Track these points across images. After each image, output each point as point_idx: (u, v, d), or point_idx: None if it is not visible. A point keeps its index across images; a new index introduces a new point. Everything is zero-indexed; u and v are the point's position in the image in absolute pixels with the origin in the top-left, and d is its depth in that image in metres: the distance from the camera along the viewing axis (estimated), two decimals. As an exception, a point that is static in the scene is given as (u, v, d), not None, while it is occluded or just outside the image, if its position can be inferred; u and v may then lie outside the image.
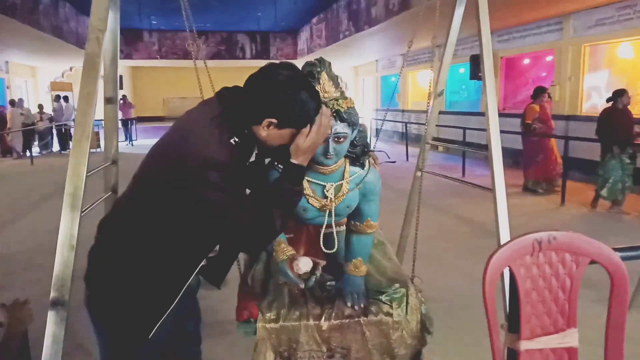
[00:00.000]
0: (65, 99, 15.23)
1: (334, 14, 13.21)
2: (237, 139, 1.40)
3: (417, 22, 5.47)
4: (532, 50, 10.09)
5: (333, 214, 1.74)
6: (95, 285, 1.46)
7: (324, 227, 1.76)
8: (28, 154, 12.08)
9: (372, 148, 1.91)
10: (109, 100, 2.14)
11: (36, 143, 13.73)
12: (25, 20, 9.03)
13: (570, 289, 1.48)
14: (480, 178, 8.37)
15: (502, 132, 2.20)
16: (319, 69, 1.60)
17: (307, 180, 1.69)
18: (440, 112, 2.97)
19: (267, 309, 1.73)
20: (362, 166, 1.74)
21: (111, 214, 1.53)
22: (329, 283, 1.83)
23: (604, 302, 1.47)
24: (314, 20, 15.34)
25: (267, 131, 1.41)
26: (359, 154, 1.71)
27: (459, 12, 2.58)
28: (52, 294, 1.58)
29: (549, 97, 7.89)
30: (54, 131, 14.40)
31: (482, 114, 11.05)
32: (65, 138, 14.15)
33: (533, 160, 7.47)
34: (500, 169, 2.04)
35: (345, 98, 1.61)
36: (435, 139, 3.02)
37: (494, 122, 2.08)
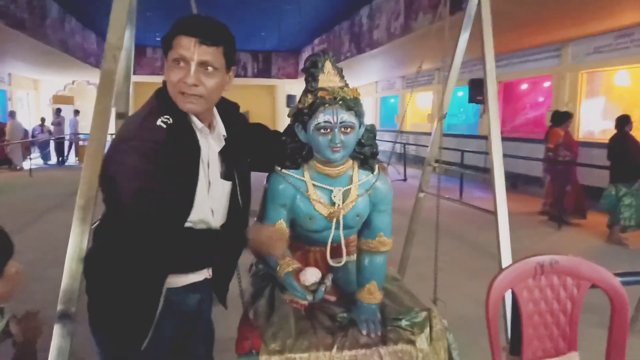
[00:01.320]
0: (76, 112, 15.36)
1: (336, 35, 13.39)
2: (166, 120, 1.27)
3: (418, 46, 5.57)
4: (530, 76, 10.24)
5: (341, 225, 1.59)
6: (89, 293, 1.45)
7: (328, 246, 1.63)
8: (27, 166, 12.11)
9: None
10: (120, 116, 2.18)
11: (32, 155, 13.73)
12: (32, 34, 9.14)
13: (571, 312, 1.51)
14: (478, 200, 8.40)
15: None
16: (322, 59, 1.54)
17: (313, 184, 1.59)
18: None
19: (271, 340, 1.54)
20: (372, 170, 1.63)
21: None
22: (340, 315, 1.67)
23: (605, 326, 1.50)
24: (316, 40, 15.54)
25: (165, 71, 1.33)
26: (367, 154, 1.59)
27: (465, 37, 2.64)
28: (59, 307, 1.59)
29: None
30: (52, 144, 14.45)
31: (480, 137, 11.16)
32: (62, 150, 14.14)
33: (564, 189, 6.83)
34: (502, 192, 2.07)
35: (351, 88, 1.54)
36: (437, 161, 3.07)
37: (497, 146, 2.12)
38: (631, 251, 5.66)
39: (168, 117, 1.27)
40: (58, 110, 14.69)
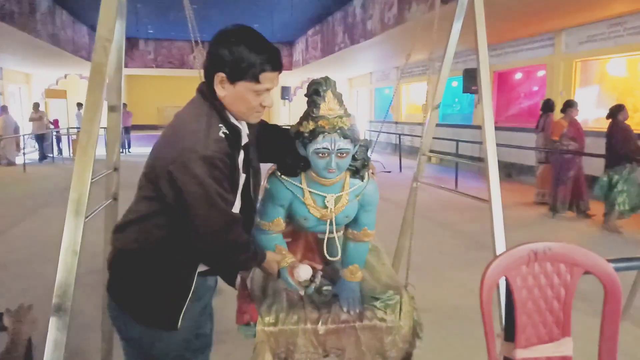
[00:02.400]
0: (79, 105, 15.13)
1: (329, 27, 13.33)
2: (226, 131, 1.42)
3: (412, 36, 5.55)
4: (524, 65, 10.25)
5: (334, 224, 1.81)
6: (121, 276, 1.52)
7: (326, 235, 1.84)
8: (20, 161, 12.03)
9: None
10: (112, 109, 2.16)
11: (28, 149, 13.64)
12: (22, 27, 9.04)
13: (564, 298, 1.52)
14: (473, 190, 8.43)
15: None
16: (324, 88, 1.67)
17: (309, 190, 1.77)
18: (435, 125, 3.02)
19: (266, 313, 1.80)
20: (362, 178, 1.81)
21: (123, 218, 1.57)
22: (325, 288, 1.92)
23: (597, 314, 1.51)
24: (310, 32, 15.47)
25: (224, 89, 1.42)
26: (359, 167, 1.78)
27: (457, 27, 2.63)
28: (55, 300, 1.59)
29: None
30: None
31: (474, 127, 11.19)
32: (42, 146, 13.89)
33: (562, 179, 6.75)
34: (496, 180, 2.08)
35: (349, 115, 1.69)
36: (431, 151, 3.07)
37: (490, 135, 2.12)
38: (624, 238, 5.72)
39: (222, 126, 1.42)
40: (36, 105, 14.07)
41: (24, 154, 12.49)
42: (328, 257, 1.90)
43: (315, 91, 1.68)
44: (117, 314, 1.55)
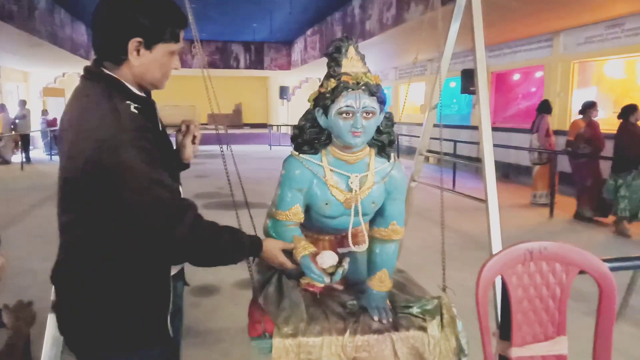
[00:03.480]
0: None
1: (328, 26, 13.34)
2: (137, 105, 1.28)
3: (410, 36, 5.58)
4: (522, 66, 10.27)
5: (360, 211, 1.59)
6: (78, 312, 1.33)
7: (350, 231, 1.61)
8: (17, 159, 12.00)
9: None
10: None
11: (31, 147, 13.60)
12: (21, 26, 9.03)
13: (560, 297, 1.53)
14: (471, 190, 8.46)
15: (492, 145, 2.26)
16: (346, 44, 1.54)
17: (331, 169, 1.59)
18: (433, 125, 3.03)
19: (284, 324, 1.54)
20: (388, 158, 1.65)
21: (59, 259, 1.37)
22: (349, 302, 1.69)
23: (592, 314, 1.52)
24: (309, 32, 15.47)
25: (139, 57, 1.28)
26: (385, 142, 1.61)
27: (455, 27, 2.65)
28: (53, 297, 1.59)
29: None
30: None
31: (472, 127, 11.21)
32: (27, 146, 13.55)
33: (583, 185, 6.52)
34: (493, 180, 2.09)
35: (373, 74, 1.54)
36: (428, 151, 3.08)
37: (487, 136, 2.14)
38: (633, 242, 5.71)
39: (131, 102, 1.27)
40: (22, 103, 13.63)
41: (21, 152, 12.45)
42: (354, 249, 1.62)
43: (336, 48, 1.53)
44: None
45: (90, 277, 1.29)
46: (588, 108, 6.54)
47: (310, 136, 1.57)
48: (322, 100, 1.51)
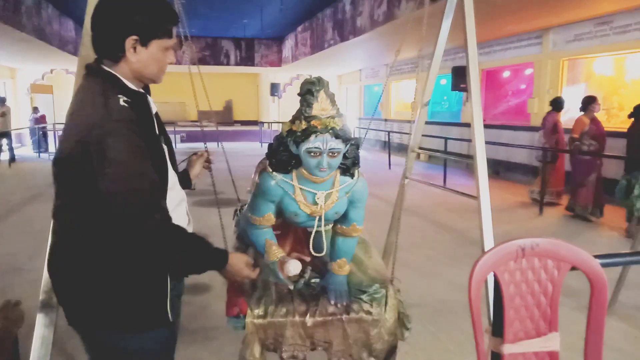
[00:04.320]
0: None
1: (319, 23, 13.31)
2: (127, 99, 1.32)
3: (401, 33, 5.56)
4: (512, 63, 10.33)
5: (323, 220, 1.84)
6: (83, 294, 1.37)
7: (314, 230, 1.86)
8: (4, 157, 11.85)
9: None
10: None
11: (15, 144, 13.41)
12: (7, 21, 8.90)
13: (552, 294, 1.53)
14: (461, 187, 8.50)
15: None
16: (317, 88, 1.68)
17: (300, 187, 1.79)
18: (424, 122, 3.03)
19: (255, 306, 1.83)
20: (352, 176, 1.84)
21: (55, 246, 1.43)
22: (313, 280, 1.97)
23: (583, 310, 1.53)
24: (299, 28, 15.42)
25: (136, 54, 1.35)
26: (349, 165, 1.80)
27: (446, 24, 2.65)
28: (42, 297, 1.57)
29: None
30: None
31: (463, 125, 11.26)
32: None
33: (583, 181, 6.35)
34: (485, 177, 2.10)
35: (341, 115, 1.71)
36: (420, 148, 3.09)
37: (479, 133, 2.14)
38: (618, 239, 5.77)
39: (123, 96, 1.33)
40: (1, 100, 13.04)
41: (9, 149, 12.29)
42: (314, 253, 1.93)
43: (308, 91, 1.68)
44: (102, 338, 1.42)
45: (81, 260, 1.34)
46: (589, 103, 6.34)
47: (283, 159, 1.76)
48: (293, 136, 1.69)
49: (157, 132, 1.46)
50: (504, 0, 6.78)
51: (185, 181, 1.76)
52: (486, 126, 2.29)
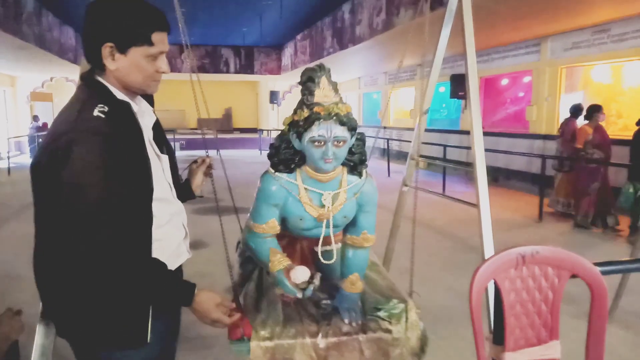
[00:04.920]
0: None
1: (318, 31, 13.37)
2: (103, 109, 1.26)
3: (400, 41, 5.61)
4: (510, 71, 10.37)
5: (331, 225, 1.70)
6: (64, 305, 1.35)
7: (321, 239, 1.72)
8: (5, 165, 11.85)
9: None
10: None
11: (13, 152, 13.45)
12: (7, 29, 8.93)
13: (552, 301, 1.53)
14: (460, 194, 8.50)
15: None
16: (319, 74, 1.59)
17: (305, 188, 1.67)
18: (424, 130, 3.04)
19: (261, 327, 1.66)
20: (360, 175, 1.73)
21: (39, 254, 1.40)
22: (324, 302, 1.79)
23: (584, 317, 1.53)
24: (299, 36, 15.49)
25: (115, 62, 1.30)
26: (356, 162, 1.69)
27: (445, 32, 2.66)
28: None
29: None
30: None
31: (462, 132, 11.28)
32: None
33: (586, 190, 6.26)
34: (484, 185, 2.10)
35: (344, 103, 1.60)
36: (420, 156, 3.09)
37: (478, 140, 2.15)
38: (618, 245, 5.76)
39: (103, 106, 1.27)
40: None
41: (8, 157, 12.30)
42: (323, 261, 1.76)
43: (309, 78, 1.59)
44: (83, 351, 1.40)
45: (56, 269, 1.31)
46: (595, 112, 6.27)
47: (286, 156, 1.65)
48: (295, 127, 1.59)
49: (151, 141, 1.42)
50: (502, 9, 6.83)
51: (187, 192, 1.69)
52: (485, 133, 2.30)
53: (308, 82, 1.60)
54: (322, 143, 1.54)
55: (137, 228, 1.29)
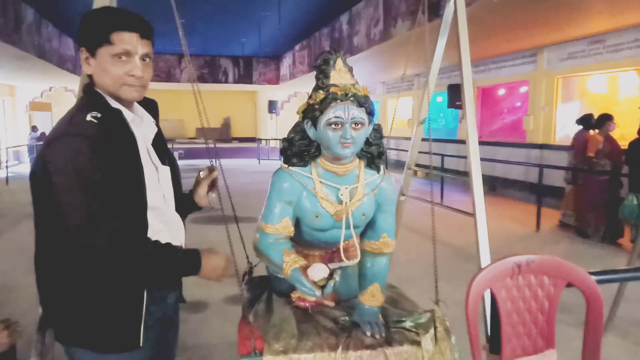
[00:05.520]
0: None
1: (316, 41, 13.45)
2: (96, 114, 1.29)
3: (397, 52, 5.65)
4: (507, 81, 10.44)
5: (351, 223, 1.58)
6: (56, 307, 1.38)
7: (341, 243, 1.59)
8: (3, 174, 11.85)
9: None
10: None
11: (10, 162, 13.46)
12: (7, 39, 8.97)
13: (548, 310, 1.54)
14: (458, 203, 8.51)
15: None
16: (334, 56, 1.54)
17: (320, 181, 1.59)
18: (421, 139, 3.06)
19: (274, 340, 1.52)
20: (377, 170, 1.65)
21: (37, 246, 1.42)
22: (342, 318, 1.67)
23: (580, 325, 1.54)
24: (297, 47, 15.58)
25: (90, 66, 1.35)
26: (374, 153, 1.62)
27: (441, 43, 2.69)
28: (41, 313, 1.57)
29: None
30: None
31: (459, 142, 11.32)
32: None
33: (598, 204, 6.09)
34: (480, 194, 2.12)
35: (361, 86, 1.55)
36: (417, 165, 3.11)
37: (474, 150, 2.16)
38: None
39: (96, 112, 1.30)
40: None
41: (6, 167, 12.29)
42: (345, 259, 1.58)
43: (324, 61, 1.54)
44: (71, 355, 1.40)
45: (53, 274, 1.34)
46: (606, 120, 6.12)
47: (300, 148, 1.57)
48: (311, 112, 1.52)
49: (149, 150, 1.43)
50: (498, 20, 6.89)
51: (190, 203, 1.67)
52: (482, 143, 2.32)
53: (323, 65, 1.54)
54: (340, 125, 1.46)
55: (131, 233, 1.30)
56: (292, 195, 1.57)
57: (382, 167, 1.66)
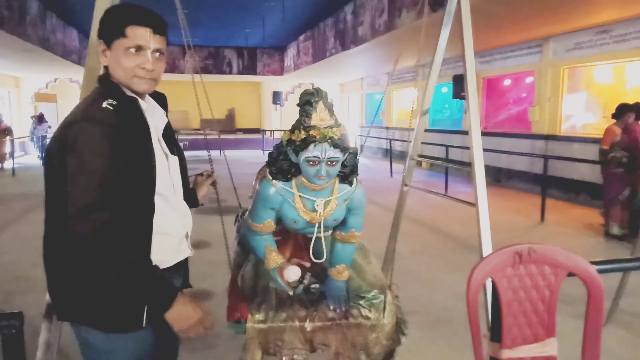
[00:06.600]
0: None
1: (320, 32, 13.39)
2: (112, 102, 1.36)
3: (402, 42, 5.63)
4: (513, 72, 10.37)
5: (322, 227, 1.89)
6: (64, 286, 1.41)
7: (314, 236, 1.91)
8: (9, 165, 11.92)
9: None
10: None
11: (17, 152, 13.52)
12: (12, 31, 8.99)
13: (549, 300, 1.55)
14: (462, 194, 8.51)
15: (484, 150, 2.29)
16: (316, 99, 1.72)
17: (299, 195, 1.84)
18: (424, 130, 3.06)
19: (256, 311, 1.88)
20: (351, 184, 1.89)
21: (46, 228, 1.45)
22: (313, 286, 2.01)
23: (582, 316, 1.54)
24: (301, 37, 15.52)
25: (106, 58, 1.43)
26: (348, 173, 1.85)
27: (445, 34, 2.68)
28: (47, 302, 1.59)
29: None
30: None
31: (464, 132, 11.29)
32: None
33: (617, 198, 5.77)
34: (482, 184, 2.12)
35: (339, 125, 1.75)
36: (420, 155, 3.11)
37: (477, 140, 2.17)
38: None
39: (112, 100, 1.37)
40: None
41: (13, 158, 12.37)
42: (314, 260, 1.97)
43: (307, 102, 1.73)
44: (80, 334, 1.45)
45: (59, 254, 1.37)
46: (625, 111, 5.76)
47: (283, 167, 1.81)
48: (292, 145, 1.74)
49: (160, 140, 1.49)
50: (502, 11, 6.84)
51: (193, 199, 1.83)
52: (487, 134, 2.32)
53: (306, 105, 1.73)
54: (317, 163, 1.69)
55: (137, 216, 1.35)
56: (275, 203, 1.85)
57: (355, 179, 1.90)
